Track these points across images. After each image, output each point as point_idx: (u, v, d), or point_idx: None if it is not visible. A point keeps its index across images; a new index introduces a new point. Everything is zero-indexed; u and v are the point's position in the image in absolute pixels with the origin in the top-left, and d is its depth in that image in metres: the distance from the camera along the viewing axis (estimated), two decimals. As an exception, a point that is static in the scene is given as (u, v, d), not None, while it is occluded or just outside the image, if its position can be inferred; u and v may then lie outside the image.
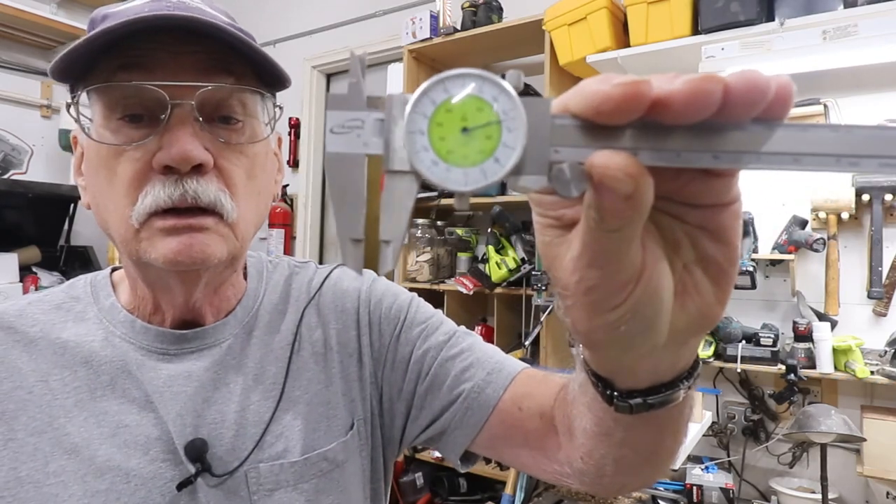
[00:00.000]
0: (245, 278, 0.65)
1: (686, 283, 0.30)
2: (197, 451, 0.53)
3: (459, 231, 2.59)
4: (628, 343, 0.30)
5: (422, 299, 0.70)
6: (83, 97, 0.53)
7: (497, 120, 0.28)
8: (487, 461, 2.04)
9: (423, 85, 0.28)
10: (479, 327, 2.51)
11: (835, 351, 1.84)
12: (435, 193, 2.52)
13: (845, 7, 1.67)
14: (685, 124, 0.25)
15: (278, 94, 0.62)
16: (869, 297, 1.90)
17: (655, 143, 0.26)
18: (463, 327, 0.68)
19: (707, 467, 1.87)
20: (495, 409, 0.59)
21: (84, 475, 0.50)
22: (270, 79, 0.59)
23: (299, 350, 0.62)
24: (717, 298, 0.30)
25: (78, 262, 3.09)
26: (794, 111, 2.06)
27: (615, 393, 0.35)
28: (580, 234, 0.27)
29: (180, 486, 0.52)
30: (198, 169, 0.50)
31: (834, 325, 1.91)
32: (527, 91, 0.28)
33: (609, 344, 0.31)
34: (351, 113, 0.28)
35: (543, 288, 1.99)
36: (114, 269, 0.63)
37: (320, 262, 0.70)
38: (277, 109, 0.60)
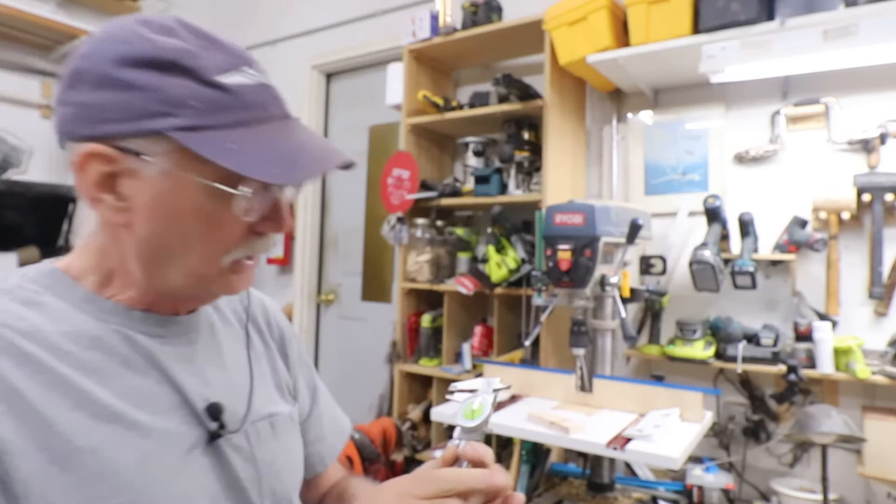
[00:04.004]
0: None
1: None
2: (216, 412, 0.63)
3: (459, 231, 2.59)
4: None
5: None
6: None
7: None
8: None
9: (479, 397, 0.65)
10: (479, 327, 2.51)
11: (835, 351, 1.84)
12: (435, 193, 2.52)
13: (846, 6, 1.67)
14: None
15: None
16: (870, 297, 1.90)
17: None
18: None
19: (707, 468, 1.86)
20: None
21: (131, 438, 0.56)
22: None
23: (251, 343, 0.75)
24: None
25: (78, 262, 3.09)
26: (796, 111, 2.06)
27: None
28: None
29: (213, 438, 0.62)
30: None
31: (835, 325, 1.91)
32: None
33: None
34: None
35: (543, 288, 1.99)
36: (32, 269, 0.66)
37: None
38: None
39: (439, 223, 2.66)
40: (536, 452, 1.79)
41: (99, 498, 0.53)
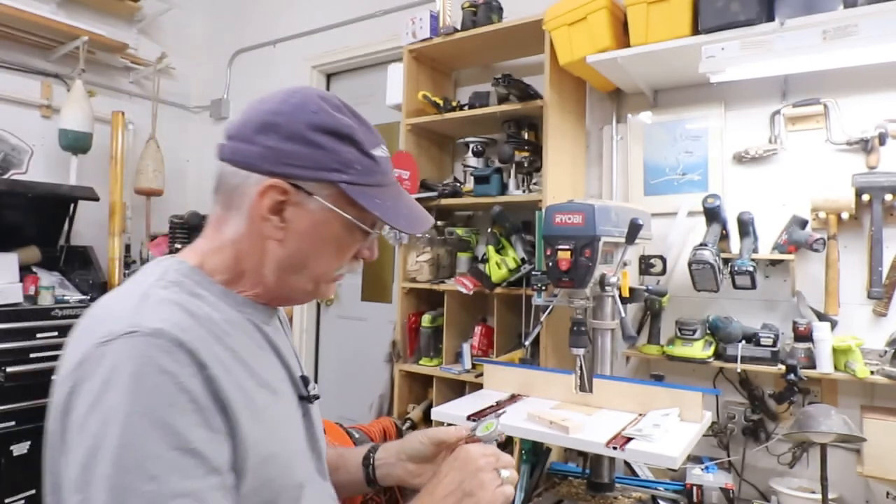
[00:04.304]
0: None
1: None
2: (306, 382, 0.87)
3: (459, 231, 2.59)
4: None
5: None
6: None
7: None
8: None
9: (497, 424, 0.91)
10: (479, 327, 2.52)
11: (835, 351, 1.84)
12: (435, 193, 2.52)
13: (845, 7, 1.67)
14: None
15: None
16: (869, 297, 1.90)
17: None
18: None
19: (707, 467, 1.87)
20: None
21: (275, 400, 0.77)
22: None
23: (287, 331, 0.94)
24: None
25: (78, 261, 3.09)
26: (795, 111, 2.06)
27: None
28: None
29: (311, 401, 0.87)
30: None
31: (834, 325, 1.91)
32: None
33: None
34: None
35: (543, 288, 1.99)
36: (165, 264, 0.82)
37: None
38: None
39: (439, 223, 2.66)
40: (536, 452, 1.79)
41: (271, 443, 0.72)
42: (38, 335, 2.68)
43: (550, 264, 1.61)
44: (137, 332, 0.63)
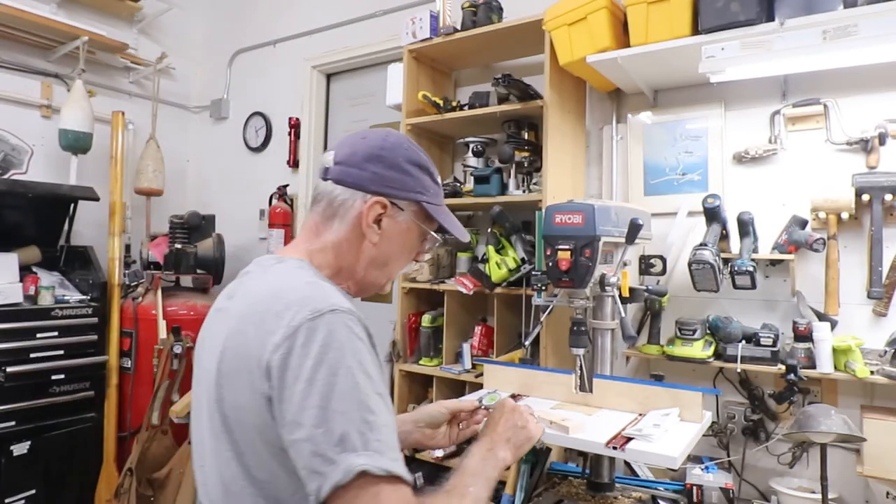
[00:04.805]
0: None
1: None
2: None
3: (459, 231, 2.59)
4: None
5: None
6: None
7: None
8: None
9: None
10: (479, 327, 2.52)
11: (835, 351, 1.84)
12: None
13: (845, 7, 1.67)
14: None
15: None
16: (869, 297, 1.90)
17: None
18: None
19: (707, 467, 1.87)
20: None
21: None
22: None
23: None
24: None
25: (78, 261, 3.09)
26: (795, 111, 2.06)
27: None
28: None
29: None
30: None
31: (834, 325, 1.91)
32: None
33: None
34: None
35: (543, 288, 1.99)
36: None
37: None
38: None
39: (439, 223, 2.65)
40: (536, 451, 1.79)
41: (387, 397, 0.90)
42: (38, 335, 2.68)
43: (550, 264, 1.61)
44: (338, 310, 0.82)
